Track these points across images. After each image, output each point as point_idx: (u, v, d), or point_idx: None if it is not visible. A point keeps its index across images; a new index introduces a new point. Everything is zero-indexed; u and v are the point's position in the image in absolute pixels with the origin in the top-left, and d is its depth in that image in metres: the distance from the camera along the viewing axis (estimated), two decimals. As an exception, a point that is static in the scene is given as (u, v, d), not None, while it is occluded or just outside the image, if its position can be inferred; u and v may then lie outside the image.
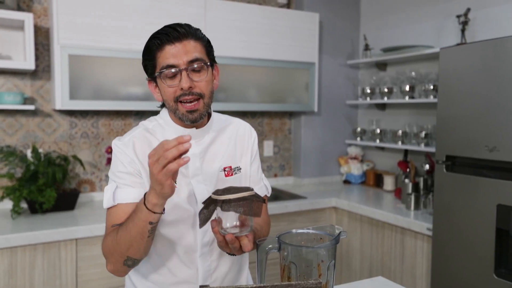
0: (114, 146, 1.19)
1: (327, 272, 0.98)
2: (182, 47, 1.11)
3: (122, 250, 1.07)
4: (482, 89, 1.91)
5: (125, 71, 2.52)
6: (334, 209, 2.90)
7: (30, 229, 2.08)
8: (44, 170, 2.35)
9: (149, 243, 1.08)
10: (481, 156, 1.92)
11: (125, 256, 1.08)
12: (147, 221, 1.02)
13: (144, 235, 1.04)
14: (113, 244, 1.09)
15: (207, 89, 1.15)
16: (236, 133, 1.32)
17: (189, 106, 1.13)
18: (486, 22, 2.59)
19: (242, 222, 1.00)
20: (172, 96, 1.13)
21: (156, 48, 1.13)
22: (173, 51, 1.11)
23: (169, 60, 1.11)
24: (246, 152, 1.32)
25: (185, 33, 1.11)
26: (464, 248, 1.99)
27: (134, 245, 1.06)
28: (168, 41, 1.11)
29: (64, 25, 2.34)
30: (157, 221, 1.03)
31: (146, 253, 1.12)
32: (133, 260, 1.10)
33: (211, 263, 1.24)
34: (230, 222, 1.00)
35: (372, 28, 3.44)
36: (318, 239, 1.04)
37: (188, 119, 1.15)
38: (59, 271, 2.11)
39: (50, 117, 2.63)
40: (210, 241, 1.23)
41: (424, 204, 2.54)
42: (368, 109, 3.50)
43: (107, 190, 1.16)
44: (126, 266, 1.11)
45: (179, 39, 1.11)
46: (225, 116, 1.35)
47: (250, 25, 2.87)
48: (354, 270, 2.75)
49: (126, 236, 1.06)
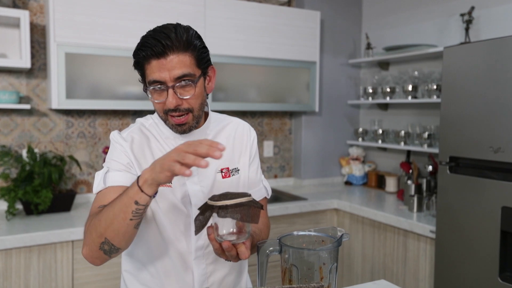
0: (113, 137, 1.19)
1: (329, 275, 0.97)
2: (168, 63, 1.06)
3: (101, 228, 1.01)
4: (486, 89, 1.91)
5: (123, 70, 2.51)
6: (335, 210, 2.90)
7: (25, 230, 2.08)
8: (39, 170, 2.34)
9: (130, 230, 1.01)
10: (485, 157, 1.92)
11: (103, 237, 1.02)
12: (134, 198, 0.97)
13: (127, 215, 0.98)
14: (94, 222, 1.04)
15: (196, 104, 1.13)
16: (235, 133, 1.31)
17: (177, 120, 1.12)
18: (490, 20, 2.59)
19: (240, 229, 0.99)
20: (161, 109, 1.13)
21: (142, 60, 1.10)
22: (159, 65, 1.07)
23: (155, 75, 1.08)
24: (244, 152, 1.30)
25: (170, 46, 1.06)
26: (468, 251, 1.98)
27: (114, 224, 1.00)
28: (153, 55, 1.07)
29: (61, 22, 2.33)
30: (143, 204, 0.97)
31: (126, 243, 1.05)
32: (110, 245, 1.03)
33: (206, 266, 1.23)
34: (226, 228, 0.98)
35: (374, 27, 3.44)
36: (320, 242, 1.04)
37: (177, 131, 1.16)
38: (55, 273, 2.11)
39: (46, 117, 2.63)
40: (205, 245, 1.21)
41: (427, 206, 2.54)
42: (370, 109, 3.50)
43: (98, 174, 1.15)
44: (102, 251, 1.04)
45: (164, 54, 1.06)
46: (223, 116, 1.34)
47: (250, 23, 2.87)
48: (356, 273, 2.75)
49: (108, 213, 1.01)
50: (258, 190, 1.32)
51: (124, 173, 1.14)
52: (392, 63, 3.30)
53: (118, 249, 1.05)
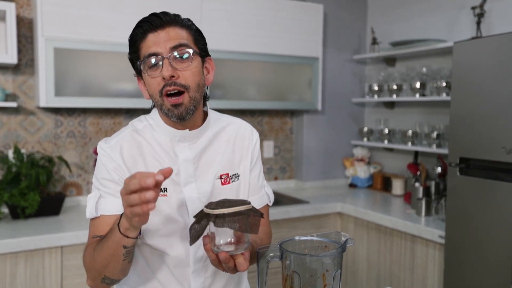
0: (100, 149, 1.17)
1: (332, 283, 0.97)
2: (165, 34, 1.10)
3: (98, 268, 1.09)
4: (498, 86, 1.91)
5: (115, 66, 2.51)
6: (339, 214, 2.90)
7: (12, 235, 2.07)
8: (27, 172, 2.34)
9: (125, 265, 1.09)
10: (497, 158, 1.91)
11: (102, 274, 1.09)
12: (121, 244, 1.01)
13: (119, 258, 1.04)
14: (91, 261, 1.10)
15: (193, 81, 1.11)
16: (235, 135, 1.28)
17: (173, 100, 1.10)
18: (503, 14, 2.59)
19: (238, 239, 0.97)
20: (156, 89, 1.11)
21: (139, 38, 1.12)
22: (155, 39, 1.10)
23: (150, 49, 1.09)
24: (245, 156, 1.28)
25: (169, 20, 1.11)
26: (479, 257, 1.98)
27: (110, 266, 1.07)
28: (150, 29, 1.10)
29: (49, 16, 2.33)
30: (131, 245, 1.03)
31: (125, 274, 1.13)
32: (111, 280, 1.11)
33: (205, 280, 1.21)
34: (224, 238, 0.97)
35: (380, 21, 3.44)
36: (322, 247, 1.04)
37: (173, 115, 1.12)
38: (43, 280, 2.10)
39: (33, 115, 2.63)
40: (204, 257, 1.20)
41: (436, 210, 2.53)
42: (376, 107, 3.50)
43: (90, 199, 1.16)
44: (105, 283, 1.12)
45: (162, 26, 1.10)
46: (224, 116, 1.31)
47: (249, 17, 2.87)
48: (361, 280, 2.75)
49: (101, 256, 1.06)
50: (259, 197, 1.30)
51: (116, 199, 1.13)
52: (399, 59, 3.30)
53: (119, 280, 1.14)
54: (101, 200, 1.14)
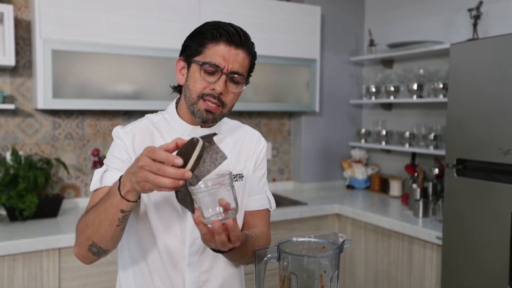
0: (115, 132, 1.23)
1: (330, 284, 0.98)
2: (235, 54, 1.16)
3: (89, 233, 1.08)
4: (495, 88, 1.92)
5: (113, 68, 2.51)
6: (336, 216, 2.90)
7: (9, 238, 2.07)
8: (24, 174, 2.34)
9: (117, 233, 1.08)
10: (494, 159, 1.92)
11: (91, 240, 1.08)
12: (119, 208, 1.01)
13: (113, 222, 1.04)
14: (82, 225, 1.10)
15: (232, 102, 1.21)
16: (243, 139, 1.34)
17: (210, 106, 1.17)
18: (500, 16, 2.60)
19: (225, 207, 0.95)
20: (199, 90, 1.17)
21: (211, 38, 1.16)
22: (225, 53, 1.15)
23: (218, 59, 1.15)
24: (251, 159, 1.32)
25: (244, 41, 1.18)
26: (476, 258, 1.99)
27: (101, 231, 1.06)
28: (227, 40, 1.16)
29: (47, 18, 2.33)
30: (129, 209, 1.02)
31: (114, 245, 1.12)
32: (98, 248, 1.09)
33: (200, 274, 1.23)
34: (212, 208, 0.95)
35: (377, 23, 3.45)
36: (320, 248, 1.04)
37: (202, 117, 1.18)
38: (41, 283, 2.10)
39: (31, 117, 2.63)
40: (200, 251, 1.23)
41: (433, 211, 2.54)
42: (373, 109, 3.51)
43: (96, 173, 1.19)
44: (91, 252, 1.11)
45: (237, 44, 1.16)
46: (233, 121, 1.38)
47: (247, 19, 2.88)
48: (358, 281, 2.75)
49: (95, 219, 1.06)
50: (260, 199, 1.33)
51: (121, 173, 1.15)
52: (396, 61, 3.31)
53: (107, 251, 1.12)
54: (107, 173, 1.17)
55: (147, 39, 2.55)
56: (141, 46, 2.53)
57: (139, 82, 2.59)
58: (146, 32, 2.55)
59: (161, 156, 0.91)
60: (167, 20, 2.59)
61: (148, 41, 2.55)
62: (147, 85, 2.60)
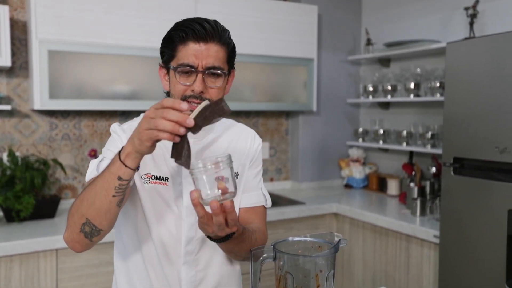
0: (112, 127, 1.25)
1: (325, 283, 0.98)
2: (205, 49, 1.14)
3: (83, 208, 1.05)
4: (492, 86, 1.92)
5: (110, 68, 2.51)
6: (334, 215, 2.90)
7: (6, 239, 2.07)
8: (21, 175, 2.33)
9: (112, 207, 1.04)
10: (491, 158, 1.93)
11: (84, 218, 1.05)
12: (116, 174, 0.99)
13: (109, 191, 1.01)
14: (76, 203, 1.07)
15: (217, 97, 1.18)
16: (238, 137, 1.34)
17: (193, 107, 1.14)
18: (496, 14, 2.61)
19: (224, 190, 0.94)
20: (180, 93, 1.17)
21: (179, 40, 1.16)
22: (195, 51, 1.14)
23: (188, 59, 1.14)
24: (246, 156, 1.32)
25: (212, 34, 1.15)
26: (473, 256, 1.99)
27: (96, 203, 1.03)
28: (193, 38, 1.14)
29: (43, 18, 2.32)
30: (127, 178, 1.00)
31: (108, 223, 1.07)
32: (91, 226, 1.06)
33: (196, 273, 1.24)
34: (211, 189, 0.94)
35: (374, 22, 3.45)
36: (316, 248, 1.04)
37: None
38: (38, 284, 2.10)
39: (28, 118, 2.62)
40: (196, 250, 1.23)
41: (431, 210, 2.54)
42: (371, 108, 3.51)
43: (92, 162, 1.18)
44: (83, 233, 1.07)
45: (205, 39, 1.14)
46: (229, 120, 1.38)
47: (244, 18, 2.87)
48: (356, 280, 2.75)
49: (90, 192, 1.04)
50: (255, 195, 1.32)
51: None
52: (393, 60, 3.31)
53: (100, 231, 1.07)
54: (103, 162, 1.17)
55: (144, 39, 2.55)
56: (138, 46, 2.53)
57: (136, 82, 2.58)
58: (143, 32, 2.55)
59: (167, 102, 0.92)
60: (164, 20, 2.58)
61: (145, 41, 2.55)
62: (144, 85, 2.60)
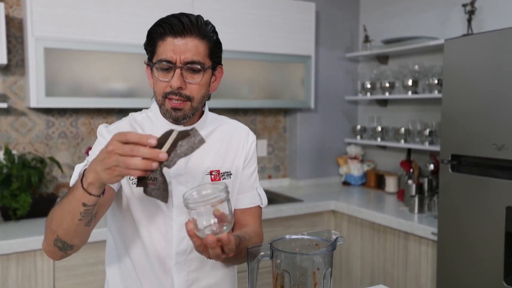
0: (99, 130, 1.23)
1: (323, 281, 0.97)
2: (183, 44, 1.12)
3: (53, 226, 1.04)
4: (490, 83, 1.92)
5: (107, 66, 2.50)
6: (332, 212, 2.90)
7: (3, 237, 2.06)
8: (18, 173, 2.33)
9: (81, 229, 1.03)
10: (489, 155, 1.92)
11: (55, 234, 1.04)
12: (81, 201, 0.97)
13: (75, 216, 0.99)
14: (49, 218, 1.07)
15: (199, 93, 1.16)
16: (231, 134, 1.31)
17: (174, 103, 1.15)
18: (494, 11, 2.60)
19: (220, 219, 0.94)
20: (161, 90, 1.15)
21: (158, 36, 1.15)
22: (173, 46, 1.12)
23: (166, 54, 1.12)
24: (239, 155, 1.29)
25: (190, 28, 1.13)
26: (471, 253, 1.99)
27: (64, 225, 1.01)
28: (170, 33, 1.13)
29: (39, 15, 2.31)
30: (92, 204, 0.97)
31: (80, 240, 1.07)
32: (63, 243, 1.05)
33: (188, 273, 1.22)
34: (206, 220, 0.94)
35: (372, 19, 3.44)
36: (313, 245, 1.04)
37: (171, 116, 1.17)
38: (35, 282, 2.09)
39: (24, 116, 2.61)
40: (188, 250, 1.21)
41: (429, 207, 2.54)
42: (369, 105, 3.51)
43: (77, 167, 1.16)
44: (56, 247, 1.07)
45: (183, 34, 1.12)
46: (221, 117, 1.35)
47: (241, 15, 2.86)
48: (355, 277, 2.75)
49: (58, 212, 1.03)
50: (250, 196, 1.31)
51: None
52: (391, 57, 3.30)
53: (72, 246, 1.07)
54: None
55: (140, 37, 2.49)
56: (134, 43, 2.52)
57: (133, 80, 2.57)
58: (139, 30, 2.52)
59: (132, 137, 0.86)
60: (160, 17, 2.57)
61: (141, 39, 2.47)
62: (141, 82, 2.58)
